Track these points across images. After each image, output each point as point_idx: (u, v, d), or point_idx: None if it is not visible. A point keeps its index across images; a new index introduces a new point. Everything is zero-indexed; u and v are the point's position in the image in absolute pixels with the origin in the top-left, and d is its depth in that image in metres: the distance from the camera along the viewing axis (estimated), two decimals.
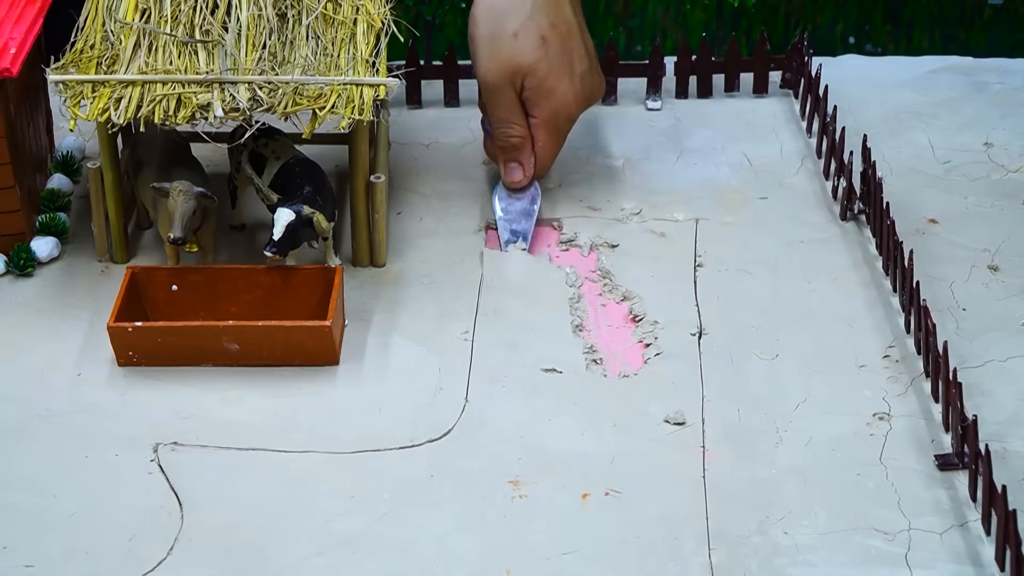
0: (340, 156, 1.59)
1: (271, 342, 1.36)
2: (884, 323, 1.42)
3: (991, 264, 1.50)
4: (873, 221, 1.52)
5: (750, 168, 1.65)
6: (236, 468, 1.27)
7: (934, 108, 1.76)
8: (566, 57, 1.51)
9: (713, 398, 1.34)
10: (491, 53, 1.51)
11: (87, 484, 1.26)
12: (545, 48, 1.50)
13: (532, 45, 1.50)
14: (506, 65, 1.50)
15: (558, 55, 1.51)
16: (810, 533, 1.21)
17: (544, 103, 1.52)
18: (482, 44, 1.51)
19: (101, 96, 1.38)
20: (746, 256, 1.51)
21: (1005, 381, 1.35)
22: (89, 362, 1.38)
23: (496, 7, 1.51)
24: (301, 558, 1.19)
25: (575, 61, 1.52)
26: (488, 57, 1.51)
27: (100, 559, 1.19)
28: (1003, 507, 1.15)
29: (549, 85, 1.51)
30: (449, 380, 1.36)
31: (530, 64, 1.50)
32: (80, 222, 1.55)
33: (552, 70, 1.50)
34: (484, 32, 1.51)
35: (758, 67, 1.78)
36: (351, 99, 1.38)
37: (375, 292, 1.47)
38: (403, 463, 1.28)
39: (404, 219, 1.57)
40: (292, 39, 1.42)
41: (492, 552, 1.19)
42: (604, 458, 1.28)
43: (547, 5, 1.51)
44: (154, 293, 1.41)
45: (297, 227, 1.40)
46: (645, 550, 1.19)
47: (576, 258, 1.53)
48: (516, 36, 1.50)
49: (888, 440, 1.29)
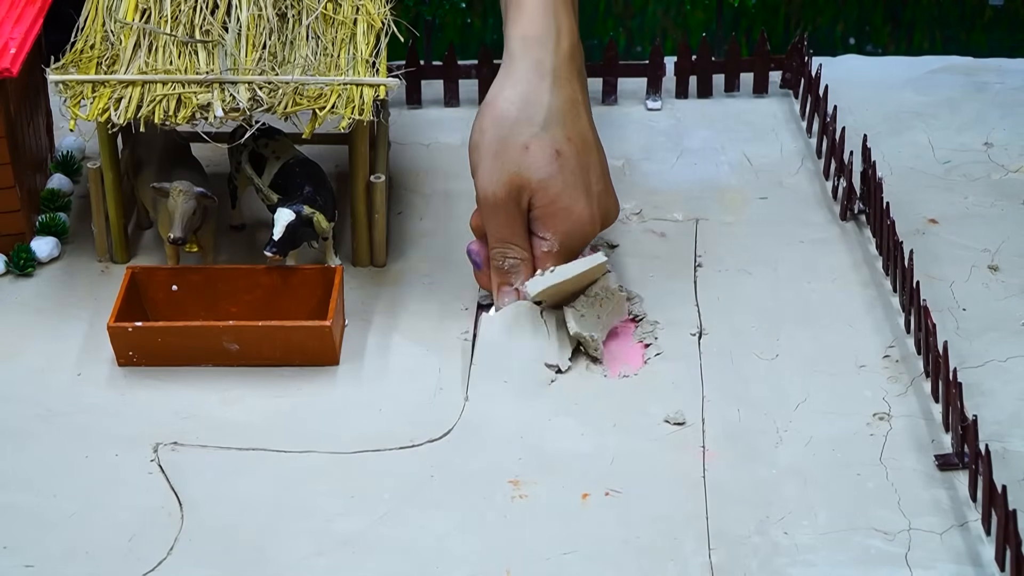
0: (340, 156, 1.59)
1: (271, 342, 1.36)
2: (884, 323, 1.42)
3: (991, 264, 1.50)
4: (873, 221, 1.52)
5: (750, 168, 1.66)
6: (236, 468, 1.27)
7: (934, 108, 1.76)
8: (582, 174, 1.37)
9: (713, 398, 1.34)
10: (497, 166, 1.35)
11: (87, 484, 1.26)
12: (560, 163, 1.35)
13: (545, 159, 1.35)
14: (513, 180, 1.35)
15: (574, 171, 1.36)
16: (810, 533, 1.21)
17: (557, 224, 1.36)
18: (487, 156, 1.36)
19: (101, 96, 1.38)
20: (746, 256, 1.51)
21: (1005, 381, 1.35)
22: (89, 362, 1.38)
23: (506, 116, 1.36)
24: (301, 558, 1.19)
25: (592, 180, 1.38)
26: (493, 170, 1.36)
27: (100, 559, 1.19)
28: (1003, 507, 1.15)
29: (564, 204, 1.35)
30: (449, 380, 1.36)
31: (541, 180, 1.35)
32: (80, 222, 1.55)
33: (567, 188, 1.35)
34: (490, 141, 1.36)
35: (758, 67, 1.78)
36: (351, 99, 1.38)
37: (375, 292, 1.47)
38: (403, 463, 1.28)
39: (404, 219, 1.57)
40: (292, 39, 1.42)
41: (492, 552, 1.19)
42: (604, 458, 1.28)
43: (565, 115, 1.37)
44: (154, 293, 1.41)
45: (297, 227, 1.40)
46: (645, 550, 1.19)
47: None
48: (527, 148, 1.35)
49: (888, 440, 1.29)
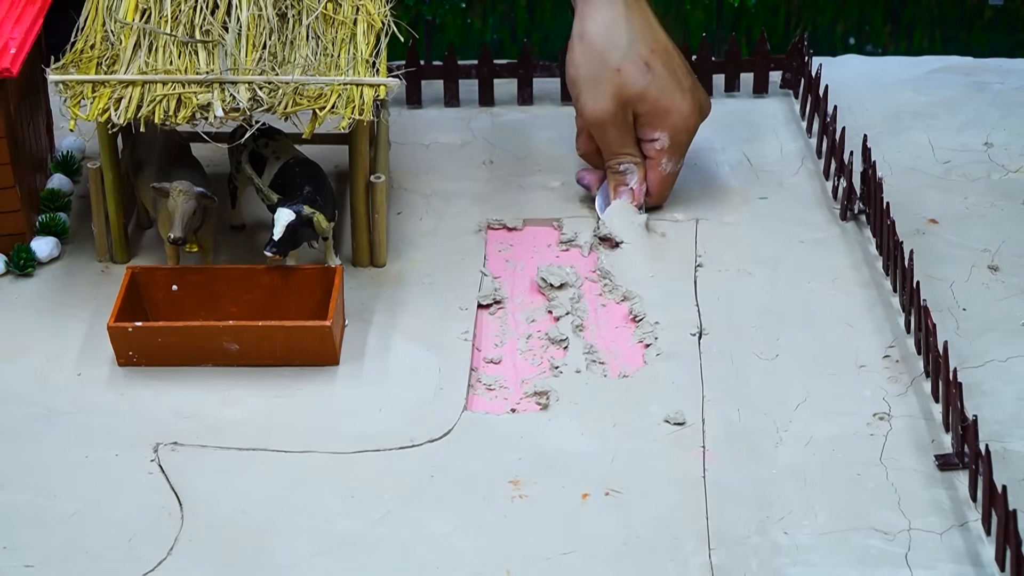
0: (340, 156, 1.59)
1: (271, 342, 1.36)
2: (884, 323, 1.42)
3: (991, 264, 1.50)
4: (873, 221, 1.53)
5: (750, 168, 1.66)
6: (236, 468, 1.27)
7: (934, 108, 1.76)
8: (671, 77, 1.53)
9: (713, 398, 1.34)
10: (597, 92, 1.52)
11: (87, 484, 1.26)
12: (651, 72, 1.52)
13: (638, 73, 1.52)
14: (615, 99, 1.52)
15: (664, 76, 1.52)
16: (810, 533, 1.21)
17: (663, 123, 1.53)
18: (587, 86, 1.53)
19: (101, 96, 1.38)
20: (746, 256, 1.51)
21: (1005, 381, 1.35)
22: (89, 362, 1.38)
23: (594, 47, 1.52)
24: (301, 558, 1.19)
25: (681, 78, 1.54)
26: (595, 97, 1.52)
27: (100, 559, 1.19)
28: (1003, 507, 1.15)
29: (664, 105, 1.53)
30: (449, 380, 1.36)
31: (639, 91, 1.52)
32: (80, 222, 1.55)
33: (663, 91, 1.52)
34: (587, 73, 1.53)
35: (758, 67, 1.78)
36: (351, 99, 1.38)
37: (375, 292, 1.47)
38: (403, 463, 1.28)
39: (404, 219, 1.57)
40: (292, 39, 1.42)
41: (492, 552, 1.19)
42: (604, 458, 1.28)
43: (643, 32, 1.53)
44: (154, 293, 1.41)
45: (297, 227, 1.40)
46: (645, 550, 1.19)
47: (576, 258, 1.53)
48: (620, 70, 1.52)
49: (888, 440, 1.29)
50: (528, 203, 1.60)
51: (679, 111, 1.53)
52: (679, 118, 1.54)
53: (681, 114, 1.53)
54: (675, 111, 1.53)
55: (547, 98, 1.78)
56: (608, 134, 1.54)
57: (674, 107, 1.53)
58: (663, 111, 1.53)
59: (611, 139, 1.54)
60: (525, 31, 2.43)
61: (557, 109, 1.77)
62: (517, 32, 2.43)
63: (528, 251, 1.55)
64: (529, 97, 1.78)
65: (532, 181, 1.64)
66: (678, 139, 1.54)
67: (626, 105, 1.53)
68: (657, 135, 1.54)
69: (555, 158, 1.67)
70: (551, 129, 1.73)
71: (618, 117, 1.53)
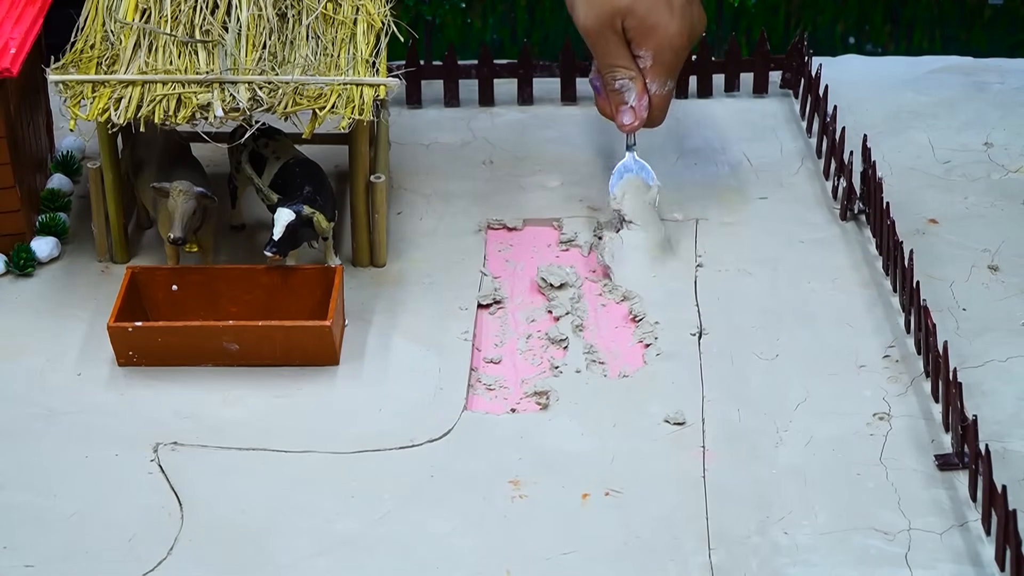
0: (340, 156, 1.59)
1: (271, 342, 1.36)
2: (884, 323, 1.42)
3: (991, 264, 1.50)
4: (873, 221, 1.53)
5: (750, 168, 1.66)
6: (236, 468, 1.27)
7: (934, 108, 1.76)
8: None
9: (713, 398, 1.34)
10: (589, 2, 1.52)
11: (87, 484, 1.26)
12: None
13: None
14: (605, 9, 1.51)
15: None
16: (810, 533, 1.21)
17: (649, 40, 1.52)
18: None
19: (101, 96, 1.38)
20: (746, 256, 1.51)
21: (1005, 381, 1.35)
22: (89, 362, 1.38)
23: None
24: (301, 558, 1.19)
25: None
26: (586, 6, 1.52)
27: (100, 559, 1.19)
28: (1003, 507, 1.15)
29: (651, 22, 1.51)
30: (449, 380, 1.36)
31: (628, 5, 1.51)
32: (80, 222, 1.55)
33: (652, 7, 1.51)
34: None
35: (758, 67, 1.78)
36: (351, 99, 1.38)
37: (375, 292, 1.47)
38: (403, 463, 1.28)
39: (404, 219, 1.57)
40: (292, 39, 1.42)
41: (492, 552, 1.19)
42: (604, 458, 1.28)
43: None
44: (154, 293, 1.41)
45: (297, 227, 1.40)
46: (645, 550, 1.19)
47: (576, 258, 1.53)
48: None
49: (888, 440, 1.29)
50: (528, 203, 1.60)
51: (665, 27, 1.52)
52: (664, 36, 1.52)
53: (667, 34, 1.52)
54: (661, 28, 1.52)
55: (547, 98, 1.78)
56: (599, 45, 1.53)
57: (660, 23, 1.51)
58: (650, 28, 1.51)
59: (603, 50, 1.53)
60: (525, 31, 2.42)
61: (557, 109, 1.77)
62: (517, 32, 2.42)
63: (528, 251, 1.55)
64: (529, 97, 1.78)
65: (532, 181, 1.64)
66: (663, 58, 1.53)
67: (615, 15, 1.51)
68: (642, 52, 1.53)
69: (555, 158, 1.67)
70: (551, 129, 1.73)
71: (607, 27, 1.52)
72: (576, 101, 1.76)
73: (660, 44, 1.52)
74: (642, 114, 1.54)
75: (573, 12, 1.54)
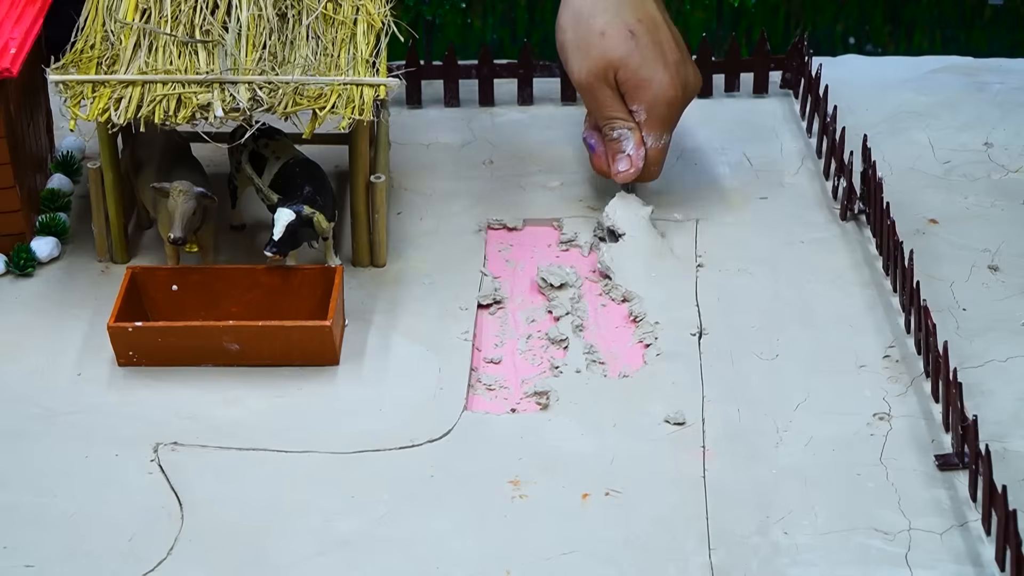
0: (340, 156, 1.59)
1: (271, 342, 1.36)
2: (884, 323, 1.42)
3: (991, 264, 1.50)
4: (873, 221, 1.53)
5: (750, 168, 1.66)
6: (236, 468, 1.27)
7: (934, 108, 1.76)
8: (656, 48, 1.53)
9: (713, 398, 1.34)
10: (582, 55, 1.54)
11: (87, 484, 1.26)
12: (635, 41, 1.52)
13: (621, 40, 1.52)
14: (597, 63, 1.52)
15: (648, 46, 1.53)
16: (810, 533, 1.21)
17: (642, 94, 1.53)
18: (572, 49, 1.55)
19: (101, 96, 1.38)
20: (746, 256, 1.51)
21: (1005, 381, 1.35)
22: (89, 362, 1.38)
23: (581, 11, 1.54)
24: (301, 558, 1.19)
25: (666, 52, 1.54)
26: (579, 59, 1.54)
27: (100, 559, 1.19)
28: (1003, 507, 1.15)
29: (644, 75, 1.52)
30: (449, 380, 1.36)
31: (620, 57, 1.52)
32: (80, 222, 1.55)
33: (645, 61, 1.52)
34: (572, 37, 1.55)
35: (758, 67, 1.78)
36: (351, 99, 1.38)
37: (375, 292, 1.47)
38: (403, 463, 1.28)
39: (404, 219, 1.57)
40: (292, 39, 1.42)
41: (492, 552, 1.19)
42: (604, 458, 1.28)
43: (631, 2, 1.54)
44: (154, 293, 1.41)
45: (297, 227, 1.40)
46: (645, 550, 1.19)
47: (576, 258, 1.53)
48: (603, 35, 1.52)
49: (888, 440, 1.29)
50: (528, 203, 1.60)
51: (659, 84, 1.52)
52: (659, 90, 1.52)
53: (661, 87, 1.52)
54: (655, 83, 1.52)
55: (547, 98, 1.78)
56: (594, 97, 1.54)
57: (654, 79, 1.52)
58: (643, 82, 1.52)
59: (599, 103, 1.54)
60: (525, 31, 2.43)
61: (557, 109, 1.77)
62: (517, 32, 2.43)
63: (528, 251, 1.55)
64: (529, 97, 1.78)
65: (532, 181, 1.64)
66: (657, 111, 1.53)
67: (607, 69, 1.52)
68: (635, 107, 1.54)
69: (555, 158, 1.67)
70: (551, 129, 1.73)
71: (601, 80, 1.53)
72: (576, 101, 1.76)
73: (654, 98, 1.53)
74: (638, 163, 1.54)
75: (567, 66, 1.56)
